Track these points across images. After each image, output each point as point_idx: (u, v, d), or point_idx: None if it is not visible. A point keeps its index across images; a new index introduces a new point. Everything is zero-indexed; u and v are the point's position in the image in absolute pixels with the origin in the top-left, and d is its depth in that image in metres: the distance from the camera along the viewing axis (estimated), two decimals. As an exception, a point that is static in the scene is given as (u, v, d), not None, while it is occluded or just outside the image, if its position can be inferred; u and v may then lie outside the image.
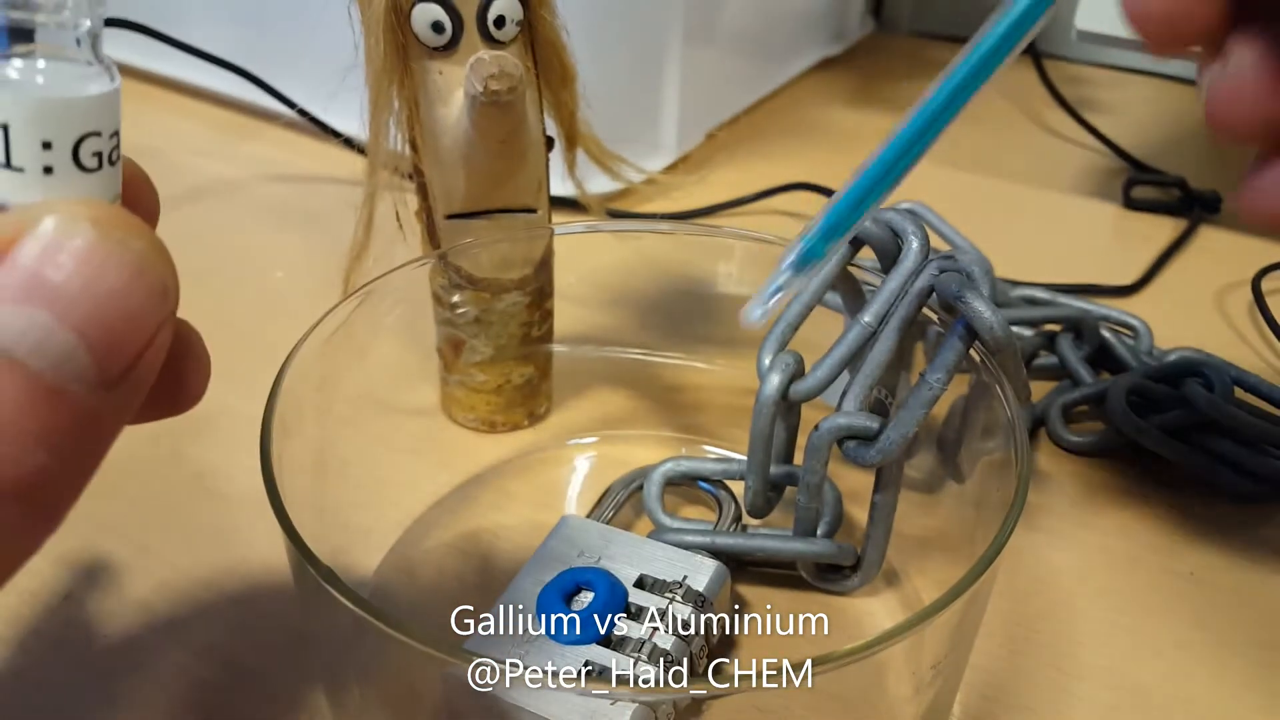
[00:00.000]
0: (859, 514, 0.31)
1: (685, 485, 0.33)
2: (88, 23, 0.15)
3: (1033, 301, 0.42)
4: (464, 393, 0.36)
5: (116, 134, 0.16)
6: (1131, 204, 0.54)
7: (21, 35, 0.15)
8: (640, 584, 0.27)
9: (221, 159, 0.56)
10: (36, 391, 0.14)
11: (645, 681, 0.25)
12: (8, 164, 0.15)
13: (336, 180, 0.52)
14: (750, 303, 0.22)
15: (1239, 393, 0.36)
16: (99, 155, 0.15)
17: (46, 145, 0.15)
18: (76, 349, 0.14)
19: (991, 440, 0.27)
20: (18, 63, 0.15)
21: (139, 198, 0.18)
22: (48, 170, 0.15)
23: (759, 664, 0.28)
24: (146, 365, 0.15)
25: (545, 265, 0.34)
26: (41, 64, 0.15)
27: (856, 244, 0.29)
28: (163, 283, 0.15)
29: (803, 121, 0.62)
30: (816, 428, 0.27)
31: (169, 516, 0.33)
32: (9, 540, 0.15)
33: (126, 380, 0.15)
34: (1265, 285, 0.45)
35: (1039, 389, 0.39)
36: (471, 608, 0.29)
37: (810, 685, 0.19)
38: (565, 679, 0.23)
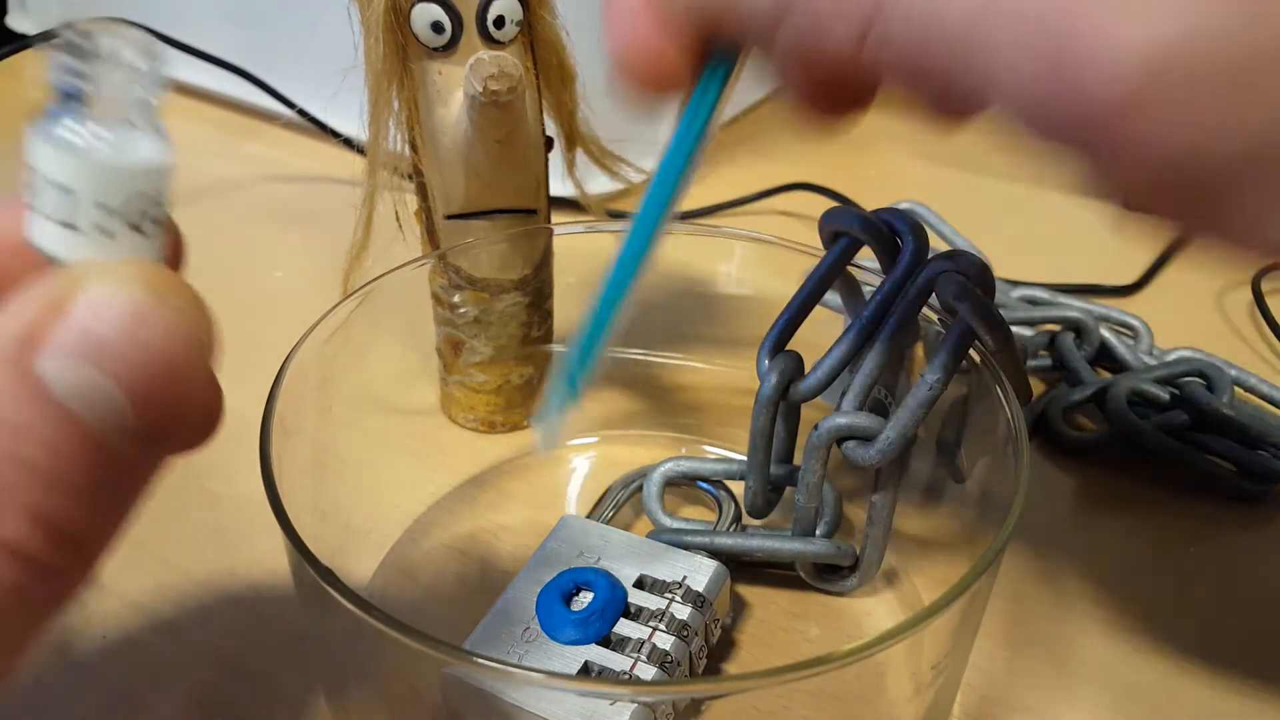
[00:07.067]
0: (859, 514, 0.31)
1: (685, 485, 0.33)
2: (156, 93, 0.16)
3: (1032, 301, 0.42)
4: (464, 393, 0.36)
5: (166, 199, 0.17)
6: (1131, 204, 0.54)
7: (83, 99, 0.16)
8: (640, 584, 0.27)
9: (222, 159, 0.56)
10: (85, 444, 0.15)
11: (644, 682, 0.25)
12: (68, 224, 0.16)
13: (336, 180, 0.52)
14: (537, 437, 0.24)
15: (1239, 393, 0.36)
16: (151, 219, 0.16)
17: (106, 209, 0.16)
18: (121, 403, 0.15)
19: (991, 440, 0.27)
20: (84, 129, 0.16)
21: (169, 246, 0.19)
22: (103, 231, 0.16)
23: (758, 664, 0.28)
24: (183, 420, 0.16)
25: (545, 265, 0.34)
26: (108, 132, 0.16)
27: (856, 244, 0.29)
28: (204, 343, 0.16)
29: (803, 121, 0.62)
30: (816, 428, 0.27)
31: (169, 516, 0.33)
32: (50, 589, 0.15)
33: (163, 434, 0.16)
34: (1265, 285, 0.45)
35: (1039, 389, 0.39)
36: (470, 608, 0.29)
37: (809, 686, 0.19)
38: (565, 679, 0.24)
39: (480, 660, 0.19)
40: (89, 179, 0.15)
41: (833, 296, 0.30)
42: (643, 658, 0.25)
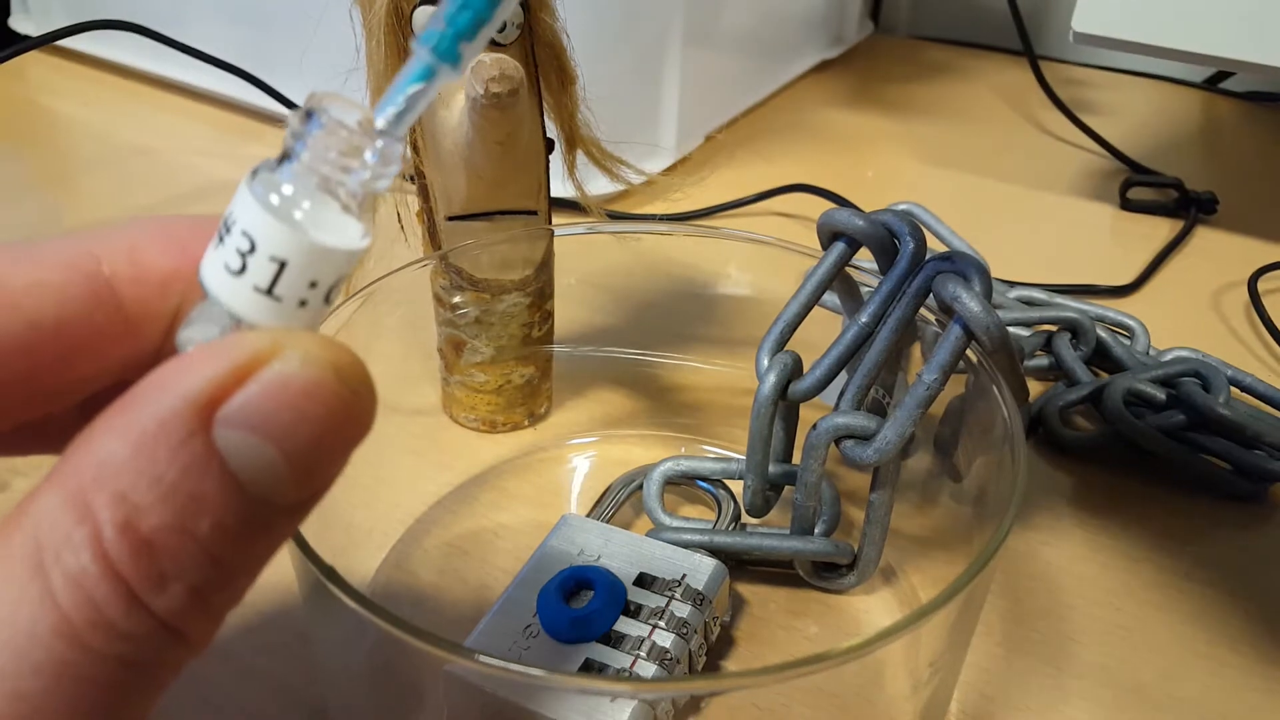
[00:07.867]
0: (857, 513, 0.31)
1: (685, 484, 0.33)
2: (385, 185, 0.16)
3: (1029, 302, 0.43)
4: (465, 393, 0.36)
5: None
6: (1128, 205, 0.54)
7: (310, 171, 0.16)
8: (640, 582, 0.28)
9: (222, 159, 0.56)
10: (245, 519, 0.14)
11: (644, 679, 0.25)
12: (268, 292, 0.15)
13: (337, 181, 0.52)
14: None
15: (1235, 393, 0.37)
16: (337, 292, 0.16)
17: (312, 285, 0.16)
18: (286, 481, 0.14)
19: (988, 440, 0.27)
20: (306, 205, 0.16)
21: None
22: (302, 304, 0.16)
23: (757, 662, 0.28)
24: (325, 492, 0.16)
25: (545, 266, 0.34)
26: (329, 214, 0.16)
27: (854, 245, 0.29)
28: (369, 425, 0.15)
29: (802, 123, 0.63)
30: (814, 427, 0.27)
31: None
32: (182, 660, 0.15)
33: (309, 507, 0.15)
34: (1261, 286, 0.46)
35: (1036, 389, 0.39)
36: (471, 607, 0.29)
37: (808, 683, 0.20)
38: (566, 676, 0.24)
39: (482, 658, 0.19)
40: (306, 256, 0.15)
41: (831, 297, 0.30)
42: (643, 655, 0.25)
